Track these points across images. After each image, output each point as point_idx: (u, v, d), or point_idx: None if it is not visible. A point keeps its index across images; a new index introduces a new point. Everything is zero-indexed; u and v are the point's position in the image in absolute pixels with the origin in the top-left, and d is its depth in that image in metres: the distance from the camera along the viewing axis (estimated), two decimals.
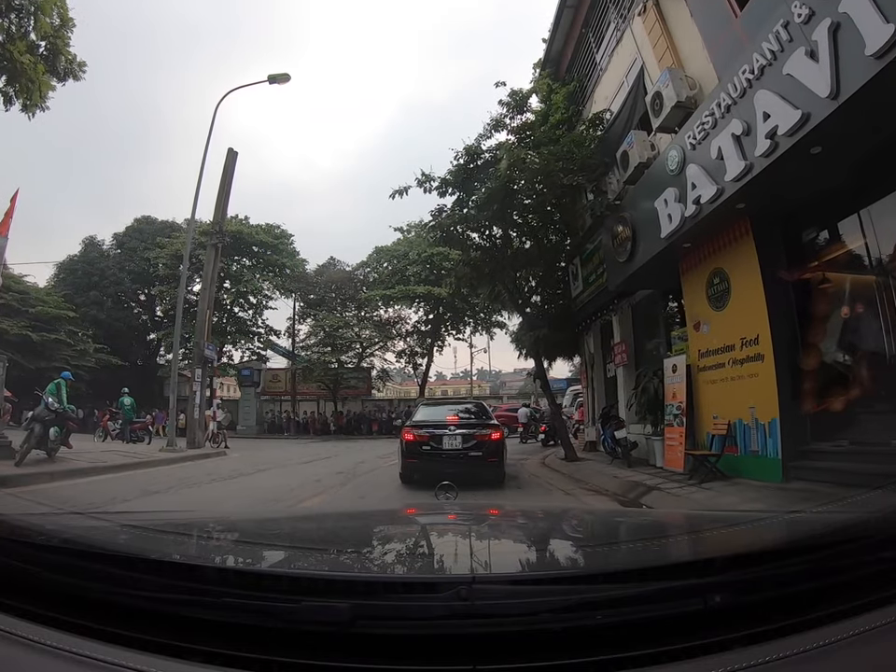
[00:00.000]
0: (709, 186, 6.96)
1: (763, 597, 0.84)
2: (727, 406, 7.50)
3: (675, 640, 0.77)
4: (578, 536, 1.71)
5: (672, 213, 7.70)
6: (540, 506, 4.00)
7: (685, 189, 7.42)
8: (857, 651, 0.76)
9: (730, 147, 6.55)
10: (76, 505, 5.74)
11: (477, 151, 12.09)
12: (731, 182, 6.56)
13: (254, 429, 29.86)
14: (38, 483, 7.71)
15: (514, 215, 12.66)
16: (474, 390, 46.63)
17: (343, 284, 32.43)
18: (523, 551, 1.48)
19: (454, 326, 32.79)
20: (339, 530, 1.76)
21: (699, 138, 7.23)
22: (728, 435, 7.30)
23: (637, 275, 9.21)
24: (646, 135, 10.05)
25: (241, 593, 0.82)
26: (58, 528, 1.18)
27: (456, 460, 7.76)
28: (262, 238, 30.88)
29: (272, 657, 0.76)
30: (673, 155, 7.81)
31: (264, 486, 8.77)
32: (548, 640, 0.78)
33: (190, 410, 14.73)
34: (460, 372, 65.96)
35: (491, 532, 1.71)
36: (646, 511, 4.48)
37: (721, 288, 7.76)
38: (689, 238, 7.82)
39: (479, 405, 9.92)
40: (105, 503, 6.30)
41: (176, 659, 0.76)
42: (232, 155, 16.51)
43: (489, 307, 30.09)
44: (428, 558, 1.30)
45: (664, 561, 1.09)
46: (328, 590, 0.84)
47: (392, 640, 0.79)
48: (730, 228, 7.43)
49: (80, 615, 0.83)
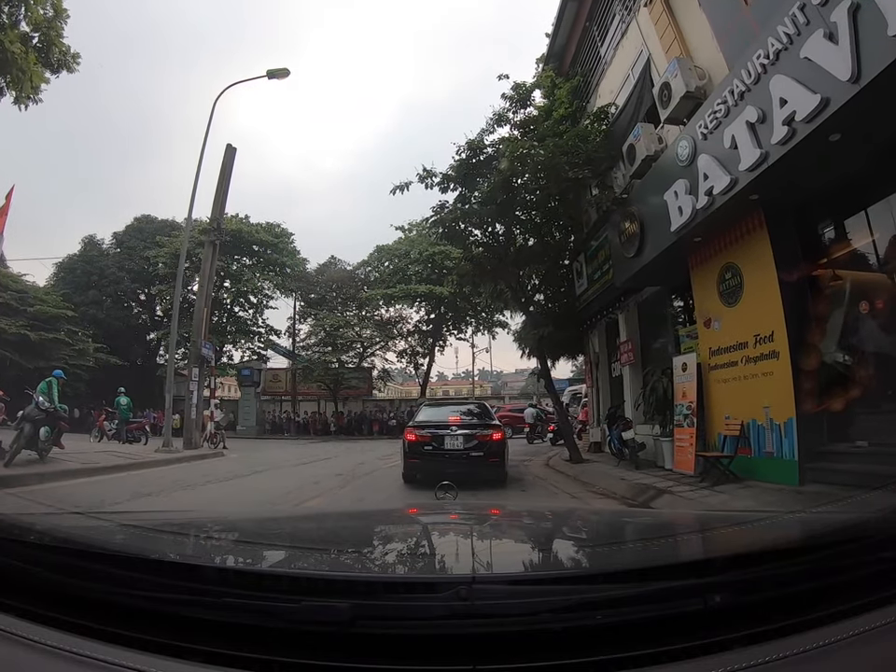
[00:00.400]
0: (722, 176, 6.71)
1: (763, 597, 0.83)
2: (740, 406, 7.24)
3: (675, 640, 0.76)
4: (578, 536, 1.70)
5: (682, 205, 7.44)
6: (540, 506, 3.92)
7: (696, 180, 7.17)
8: (857, 651, 0.75)
9: (744, 136, 6.31)
10: (63, 508, 5.48)
11: (479, 146, 11.83)
12: (745, 172, 6.32)
13: (254, 430, 29.61)
14: (27, 485, 7.46)
15: (517, 211, 12.45)
16: (476, 390, 46.42)
17: (343, 283, 32.16)
18: (523, 551, 1.48)
19: (455, 325, 32.50)
20: (339, 530, 1.75)
21: (711, 127, 6.99)
22: (741, 436, 7.04)
23: (645, 271, 8.96)
24: (653, 128, 9.83)
25: (241, 593, 0.82)
26: (58, 528, 1.18)
27: (458, 460, 7.78)
28: (262, 237, 30.60)
29: (272, 657, 0.76)
30: (683, 146, 7.57)
31: (260, 489, 8.54)
32: (548, 640, 0.77)
33: (187, 410, 14.47)
34: (461, 373, 65.97)
35: (491, 532, 1.70)
36: (646, 511, 4.36)
37: (734, 283, 7.50)
38: (700, 231, 7.57)
39: (481, 406, 9.93)
40: (93, 506, 6.04)
41: (177, 659, 0.76)
42: (231, 151, 16.28)
43: (491, 307, 29.84)
44: (428, 558, 1.29)
45: (664, 561, 1.06)
46: (328, 590, 0.83)
47: (392, 640, 0.78)
48: (743, 220, 7.18)
49: (80, 615, 0.83)
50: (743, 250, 7.32)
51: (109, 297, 31.25)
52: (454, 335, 33.21)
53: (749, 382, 7.12)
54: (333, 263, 33.35)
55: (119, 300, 31.73)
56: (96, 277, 30.86)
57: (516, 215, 12.28)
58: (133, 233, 33.36)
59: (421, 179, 12.30)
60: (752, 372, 7.07)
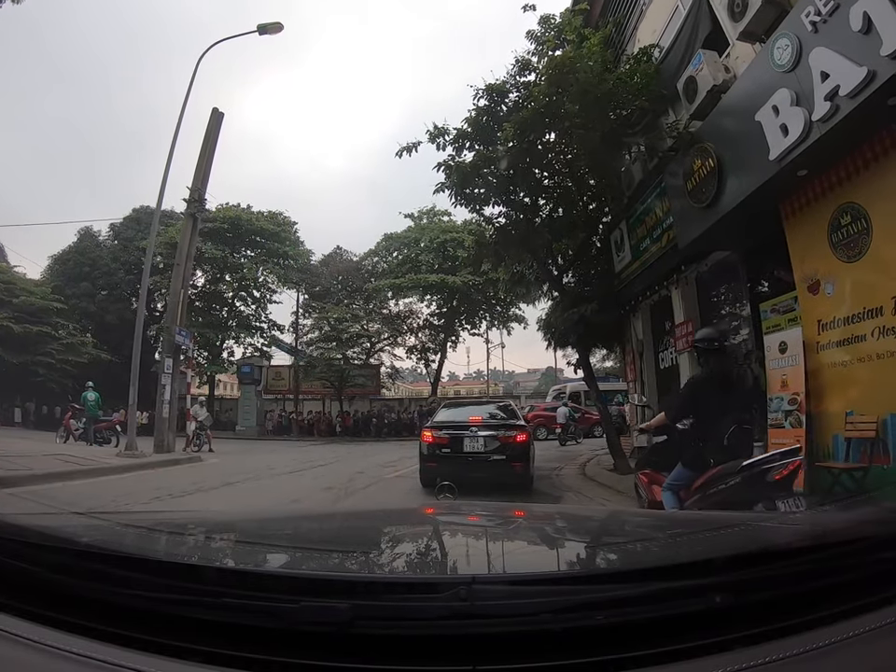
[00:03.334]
0: (852, 70, 4.72)
1: (764, 598, 0.82)
2: (872, 396, 5.19)
3: (675, 640, 0.76)
4: (578, 536, 1.64)
5: (788, 121, 5.43)
6: (541, 506, 3.73)
7: (809, 84, 5.18)
8: (857, 652, 0.75)
9: (885, 9, 4.38)
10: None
11: (501, 90, 9.89)
12: (889, 59, 4.37)
13: (254, 430, 27.74)
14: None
15: (544, 177, 10.53)
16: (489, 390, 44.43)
17: (349, 275, 30.30)
18: (523, 551, 1.44)
19: (468, 320, 30.55)
20: (339, 530, 1.71)
21: (827, 11, 5.02)
22: (876, 438, 5.03)
23: (722, 226, 6.91)
24: (717, 55, 7.92)
25: (241, 593, 0.81)
26: (58, 528, 1.16)
27: (478, 464, 7.38)
28: (263, 225, 28.86)
29: (272, 657, 0.75)
30: (782, 46, 5.57)
31: (221, 510, 6.67)
32: (548, 641, 0.77)
33: (158, 407, 12.59)
34: (472, 373, 64.73)
35: (491, 532, 1.66)
36: (646, 512, 3.91)
37: (855, 230, 5.47)
38: (807, 161, 5.55)
39: (506, 405, 9.45)
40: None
41: (176, 659, 0.76)
42: (217, 115, 14.44)
43: (508, 297, 27.86)
44: (428, 558, 1.30)
45: (664, 561, 1.03)
46: (327, 590, 0.83)
47: (392, 641, 0.78)
48: (872, 140, 5.20)
49: (80, 615, 0.83)
50: (870, 184, 5.30)
51: (102, 289, 29.61)
52: (466, 330, 31.24)
53: (886, 363, 5.09)
54: (339, 254, 31.46)
55: (112, 292, 30.04)
56: (88, 268, 29.28)
57: (541, 180, 10.38)
58: (130, 225, 31.79)
59: (432, 138, 10.39)
60: (891, 349, 5.05)
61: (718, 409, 3.94)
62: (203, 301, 30.10)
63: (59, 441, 14.58)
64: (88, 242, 31.53)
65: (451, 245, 26.42)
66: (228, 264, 28.45)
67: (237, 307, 31.45)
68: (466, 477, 6.28)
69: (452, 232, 27.23)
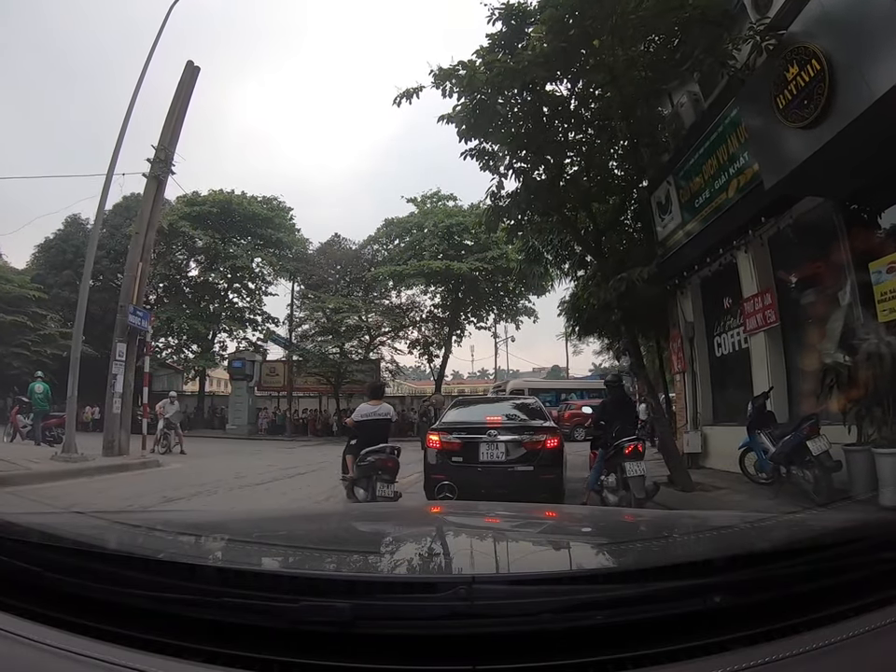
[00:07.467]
0: None
1: (763, 598, 0.81)
2: None
3: (675, 641, 0.75)
4: (578, 536, 1.61)
5: None
6: (541, 506, 3.50)
7: None
8: (857, 652, 0.74)
9: None
10: None
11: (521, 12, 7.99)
12: None
13: (245, 429, 25.88)
14: None
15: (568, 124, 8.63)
16: None
17: (348, 263, 28.34)
18: (523, 551, 1.41)
19: (475, 312, 28.57)
20: (339, 530, 1.68)
21: None
22: None
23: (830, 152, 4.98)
24: None
25: (241, 592, 0.79)
26: (58, 528, 1.13)
27: (499, 476, 5.97)
28: (256, 210, 27.00)
29: (272, 657, 0.74)
30: None
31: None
32: (548, 640, 0.75)
33: (108, 401, 10.68)
34: (477, 372, 63.20)
35: (491, 532, 1.63)
36: (646, 512, 3.89)
37: None
38: None
39: (529, 402, 7.85)
40: None
41: (177, 659, 0.74)
42: (192, 69, 12.58)
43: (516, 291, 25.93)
44: (429, 558, 1.27)
45: (664, 561, 1.01)
46: (328, 590, 0.81)
47: (392, 640, 0.77)
48: None
49: (80, 615, 0.81)
50: None
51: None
52: (472, 323, 29.24)
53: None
54: (336, 242, 29.44)
55: (96, 281, 28.20)
56: (71, 256, 27.42)
57: (566, 133, 8.49)
58: (120, 212, 29.96)
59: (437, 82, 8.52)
60: None
61: (616, 417, 6.21)
62: (193, 291, 28.53)
63: (5, 439, 12.71)
64: (73, 229, 29.75)
65: (456, 229, 24.52)
66: (219, 252, 26.64)
67: (230, 298, 29.71)
68: (483, 493, 5.28)
69: (458, 217, 25.32)
